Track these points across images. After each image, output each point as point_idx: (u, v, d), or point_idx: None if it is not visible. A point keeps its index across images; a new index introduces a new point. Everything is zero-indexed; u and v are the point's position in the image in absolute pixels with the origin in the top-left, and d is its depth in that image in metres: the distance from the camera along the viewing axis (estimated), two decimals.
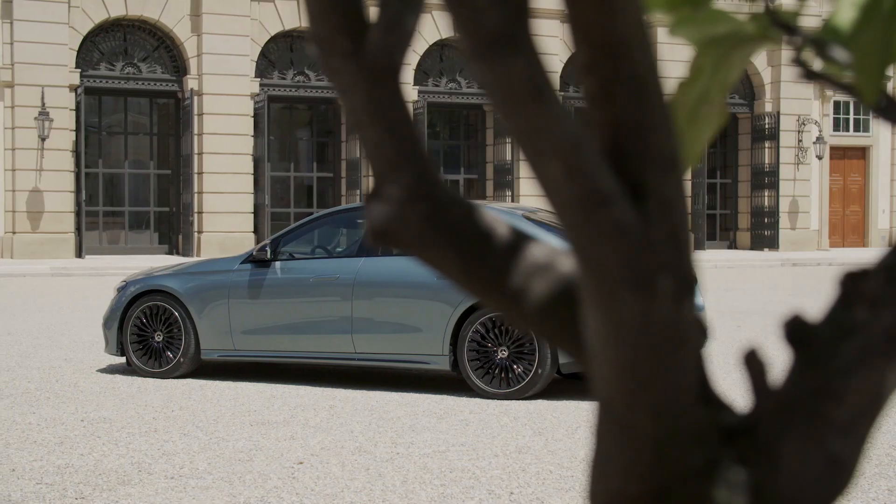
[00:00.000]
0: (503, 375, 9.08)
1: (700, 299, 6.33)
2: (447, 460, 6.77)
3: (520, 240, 0.84)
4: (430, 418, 8.16)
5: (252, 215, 29.99)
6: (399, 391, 9.37)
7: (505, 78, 0.70)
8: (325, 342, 9.72)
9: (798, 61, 0.92)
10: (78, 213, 28.41)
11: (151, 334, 10.30)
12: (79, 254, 28.26)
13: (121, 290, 10.65)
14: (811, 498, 0.75)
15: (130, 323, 10.34)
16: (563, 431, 7.70)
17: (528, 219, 9.49)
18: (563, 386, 9.60)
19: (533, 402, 8.86)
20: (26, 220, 27.86)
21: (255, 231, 29.91)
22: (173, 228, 30.58)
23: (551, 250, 0.84)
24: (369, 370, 10.56)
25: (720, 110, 1.02)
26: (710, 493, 0.75)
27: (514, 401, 8.89)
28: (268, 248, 10.16)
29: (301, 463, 6.69)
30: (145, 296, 10.41)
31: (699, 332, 0.78)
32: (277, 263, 10.08)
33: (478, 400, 8.95)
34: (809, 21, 24.98)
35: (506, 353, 9.09)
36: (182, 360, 10.15)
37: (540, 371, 8.95)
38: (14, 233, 27.89)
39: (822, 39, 0.90)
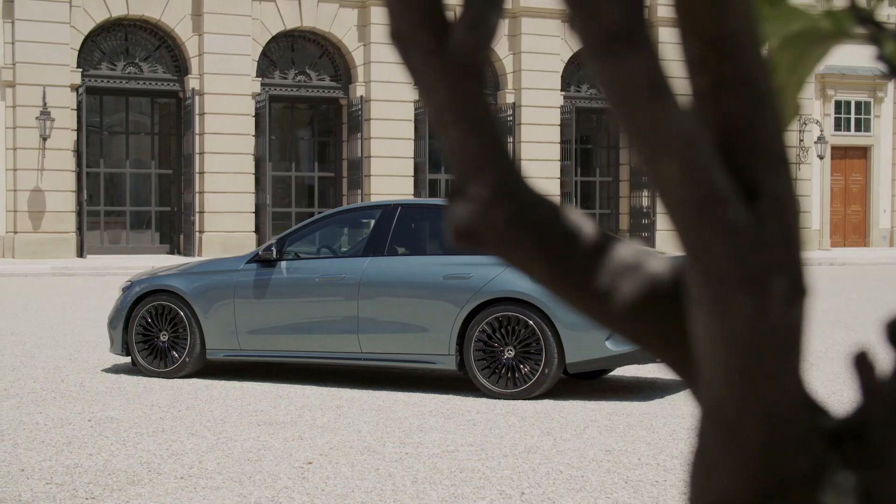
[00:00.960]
0: (510, 375, 9.06)
1: None
2: (456, 460, 6.76)
3: (607, 240, 0.82)
4: (437, 418, 8.14)
5: (253, 215, 29.99)
6: (405, 391, 9.35)
7: (622, 75, 0.69)
8: (331, 342, 9.70)
9: (881, 58, 0.91)
10: (79, 213, 28.41)
11: (157, 334, 10.28)
12: (80, 253, 28.25)
13: (126, 289, 10.62)
14: None
15: (136, 323, 10.32)
16: (571, 431, 7.69)
17: None
18: (569, 386, 9.59)
19: (540, 402, 8.85)
20: (27, 220, 27.85)
21: (257, 231, 29.91)
22: (174, 228, 30.58)
23: (639, 250, 0.82)
24: (375, 370, 10.55)
25: (794, 107, 1.01)
26: (817, 498, 0.74)
27: (520, 401, 8.88)
28: (273, 248, 10.12)
29: (310, 463, 6.68)
30: (150, 295, 10.38)
31: None
32: (283, 263, 10.05)
33: (484, 400, 8.93)
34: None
35: (512, 353, 9.07)
36: (187, 359, 10.13)
37: (547, 371, 8.93)
38: (15, 232, 27.88)
39: None
